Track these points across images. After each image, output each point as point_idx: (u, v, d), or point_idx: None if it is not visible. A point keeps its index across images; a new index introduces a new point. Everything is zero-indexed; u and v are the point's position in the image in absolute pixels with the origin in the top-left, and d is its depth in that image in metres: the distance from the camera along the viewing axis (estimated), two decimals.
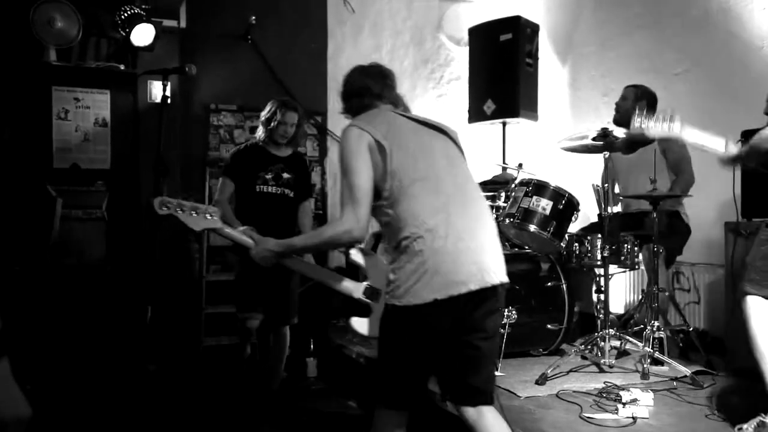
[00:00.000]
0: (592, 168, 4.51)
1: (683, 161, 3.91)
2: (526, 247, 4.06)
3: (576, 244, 3.75)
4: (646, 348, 3.37)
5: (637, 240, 3.71)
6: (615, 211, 4.11)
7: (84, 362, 3.94)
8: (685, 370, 3.26)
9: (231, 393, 4.03)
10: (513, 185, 3.93)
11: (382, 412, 2.04)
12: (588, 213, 4.71)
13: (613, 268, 3.70)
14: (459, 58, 6.10)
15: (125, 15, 4.38)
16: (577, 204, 3.84)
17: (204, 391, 4.09)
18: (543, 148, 5.61)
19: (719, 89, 4.36)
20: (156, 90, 4.70)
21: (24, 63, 4.42)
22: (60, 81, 4.54)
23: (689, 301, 4.35)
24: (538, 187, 3.75)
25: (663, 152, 3.92)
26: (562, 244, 3.75)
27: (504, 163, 4.82)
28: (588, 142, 3.62)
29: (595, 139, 3.58)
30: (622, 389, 3.00)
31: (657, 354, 3.39)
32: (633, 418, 2.75)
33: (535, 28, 5.01)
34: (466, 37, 5.60)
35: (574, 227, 3.97)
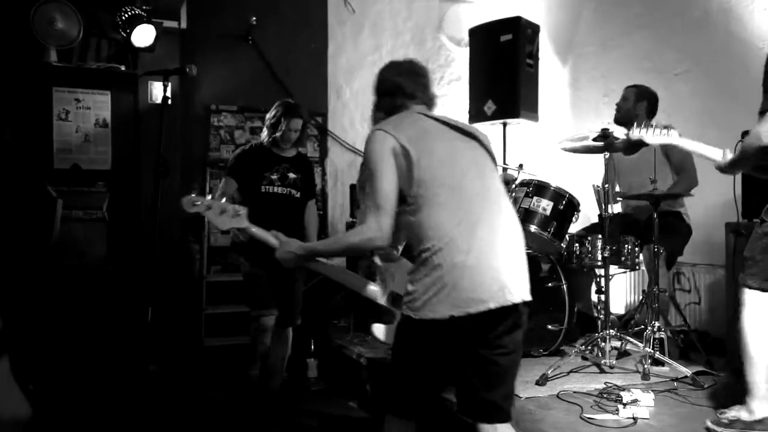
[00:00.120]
0: (592, 168, 4.51)
1: (686, 162, 3.91)
2: (527, 248, 4.05)
3: (576, 245, 3.75)
4: (647, 348, 3.37)
5: (638, 241, 3.71)
6: (615, 211, 4.11)
7: (85, 362, 3.94)
8: (685, 370, 3.27)
9: (231, 393, 4.03)
10: (514, 186, 3.93)
11: (392, 419, 2.00)
12: (588, 213, 4.71)
13: (613, 269, 3.70)
14: (459, 59, 6.10)
15: (126, 16, 4.38)
16: (578, 204, 3.84)
17: (204, 391, 4.09)
18: (543, 148, 5.61)
19: (719, 89, 4.36)
20: (156, 91, 4.70)
21: (25, 63, 4.42)
22: (61, 82, 4.54)
23: (690, 301, 4.35)
24: (539, 188, 3.75)
25: (665, 153, 3.92)
26: (562, 244, 3.75)
27: (504, 163, 4.81)
28: (588, 143, 3.62)
29: (595, 139, 3.58)
30: (623, 390, 3.01)
31: (657, 354, 3.39)
32: (633, 418, 2.75)
33: (535, 29, 5.01)
34: (466, 37, 5.59)
35: (574, 228, 3.97)
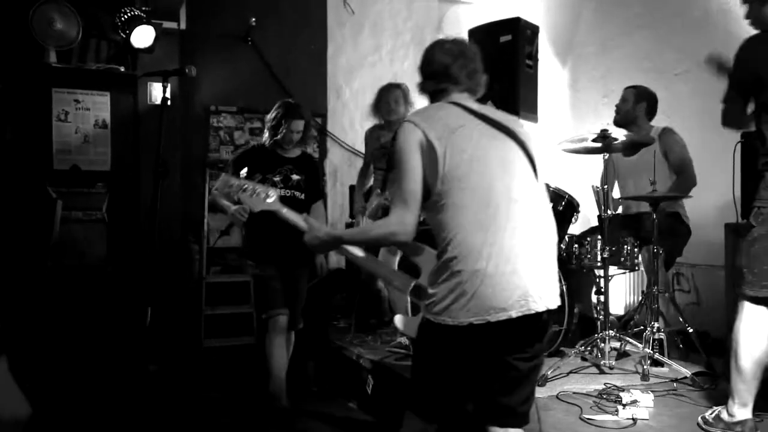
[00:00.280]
0: (592, 169, 4.51)
1: (685, 162, 3.91)
2: None
3: (576, 246, 3.75)
4: (646, 349, 3.37)
5: (637, 241, 3.71)
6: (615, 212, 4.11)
7: (85, 362, 3.95)
8: (685, 371, 3.26)
9: (231, 394, 4.03)
10: None
11: (413, 420, 1.96)
12: (588, 214, 4.71)
13: (612, 270, 3.70)
14: None
15: (125, 17, 4.39)
16: (577, 205, 3.83)
17: (204, 391, 4.08)
18: (543, 149, 5.59)
19: (719, 90, 4.34)
20: (156, 92, 4.71)
21: (24, 64, 4.42)
22: (60, 83, 4.54)
23: (689, 302, 4.35)
24: None
25: (664, 154, 3.92)
26: (561, 245, 3.75)
27: None
28: (588, 144, 3.63)
29: (595, 140, 3.58)
30: (622, 390, 3.01)
31: (657, 355, 3.38)
32: (633, 419, 2.75)
33: (535, 30, 5.00)
34: (465, 38, 5.59)
35: (574, 228, 3.97)
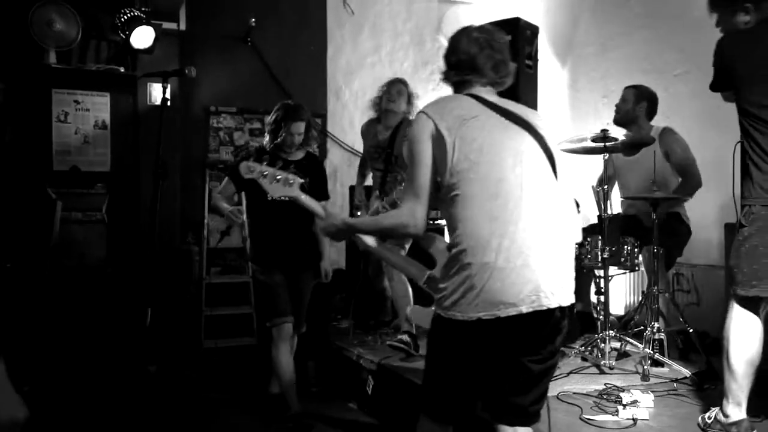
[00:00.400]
0: (591, 169, 4.51)
1: (688, 163, 3.90)
2: None
3: (576, 246, 3.74)
4: (647, 349, 3.37)
5: (637, 241, 3.71)
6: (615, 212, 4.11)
7: (84, 363, 3.94)
8: (685, 371, 3.27)
9: (231, 395, 4.03)
10: None
11: (425, 421, 1.92)
12: (588, 214, 4.71)
13: (613, 270, 3.70)
14: None
15: (125, 17, 4.38)
16: (577, 206, 3.82)
17: (204, 392, 4.09)
18: None
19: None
20: (156, 92, 4.71)
21: (24, 65, 4.42)
22: (60, 83, 4.55)
23: (689, 302, 4.35)
24: None
25: (665, 154, 3.91)
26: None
27: None
28: (588, 144, 3.62)
29: (594, 140, 3.58)
30: (623, 391, 3.01)
31: (657, 355, 3.39)
32: (633, 419, 2.75)
33: (534, 30, 5.00)
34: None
35: None
